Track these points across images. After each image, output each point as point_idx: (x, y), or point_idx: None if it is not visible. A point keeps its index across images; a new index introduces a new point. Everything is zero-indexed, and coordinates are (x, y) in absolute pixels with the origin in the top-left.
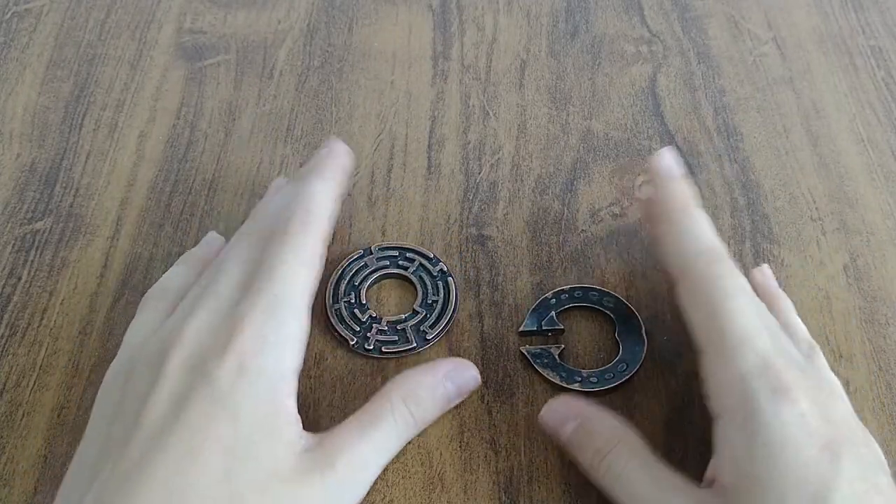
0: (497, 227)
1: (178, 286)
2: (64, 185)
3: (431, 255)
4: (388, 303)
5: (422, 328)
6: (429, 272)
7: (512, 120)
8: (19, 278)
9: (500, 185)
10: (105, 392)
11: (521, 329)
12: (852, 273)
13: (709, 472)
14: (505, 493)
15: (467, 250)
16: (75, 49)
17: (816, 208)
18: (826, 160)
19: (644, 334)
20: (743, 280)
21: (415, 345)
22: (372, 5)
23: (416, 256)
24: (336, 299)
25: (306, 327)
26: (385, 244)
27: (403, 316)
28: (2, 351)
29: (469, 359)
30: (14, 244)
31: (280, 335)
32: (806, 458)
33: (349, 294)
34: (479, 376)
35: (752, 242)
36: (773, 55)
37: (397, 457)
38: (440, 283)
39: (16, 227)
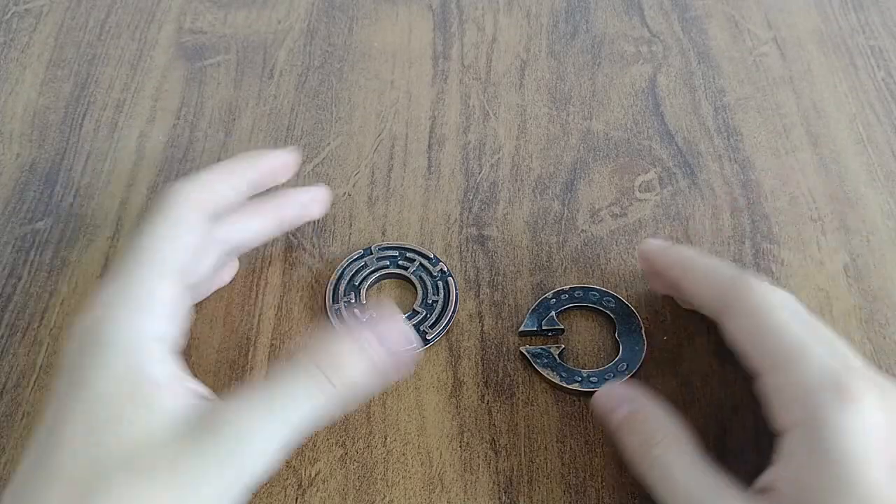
0: (497, 227)
1: None
2: (64, 185)
3: (431, 255)
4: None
5: (422, 328)
6: (429, 272)
7: (512, 120)
8: (19, 278)
9: (500, 185)
10: None
11: (520, 329)
12: (852, 273)
13: (763, 480)
14: (505, 493)
15: (467, 250)
16: (75, 49)
17: (816, 208)
18: (826, 160)
19: (644, 334)
20: (782, 294)
21: (415, 345)
22: (372, 5)
23: (417, 256)
24: (336, 299)
25: (175, 292)
26: (385, 244)
27: (404, 316)
28: (2, 351)
29: (469, 359)
30: (14, 244)
31: (133, 297)
32: (872, 478)
33: (349, 294)
34: (410, 331)
35: (751, 242)
36: (773, 55)
37: (397, 457)
38: (440, 284)
39: (16, 227)
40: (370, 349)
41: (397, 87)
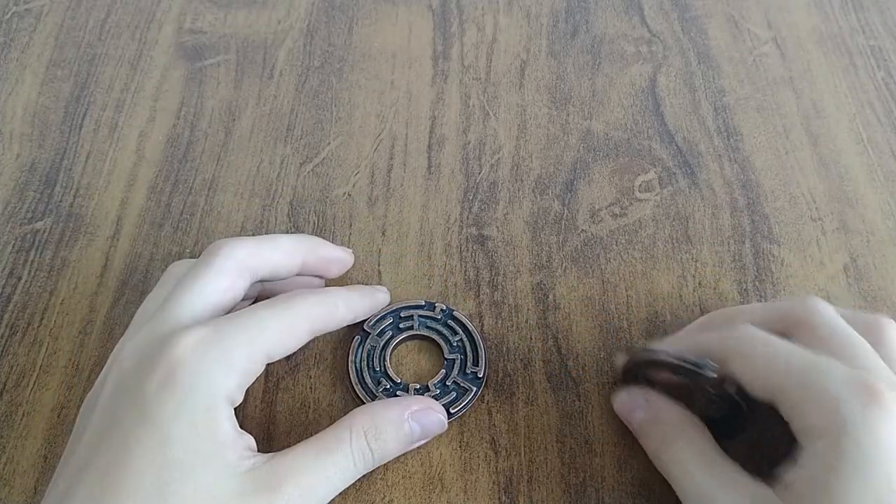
0: (497, 227)
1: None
2: (64, 185)
3: (423, 302)
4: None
5: (468, 371)
6: (432, 318)
7: (512, 120)
8: (19, 278)
9: (500, 185)
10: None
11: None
12: (852, 273)
13: (781, 480)
14: (505, 493)
15: (467, 250)
16: (75, 49)
17: (816, 208)
18: (826, 160)
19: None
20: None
21: (474, 389)
22: (372, 5)
23: (411, 311)
24: (373, 396)
25: (257, 369)
26: (373, 319)
27: (444, 371)
28: (2, 351)
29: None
30: (14, 244)
31: (220, 358)
32: (892, 476)
33: (380, 383)
34: (445, 421)
35: (752, 242)
36: (773, 55)
37: (397, 457)
38: (450, 322)
39: (16, 227)
40: (412, 434)
41: (397, 87)
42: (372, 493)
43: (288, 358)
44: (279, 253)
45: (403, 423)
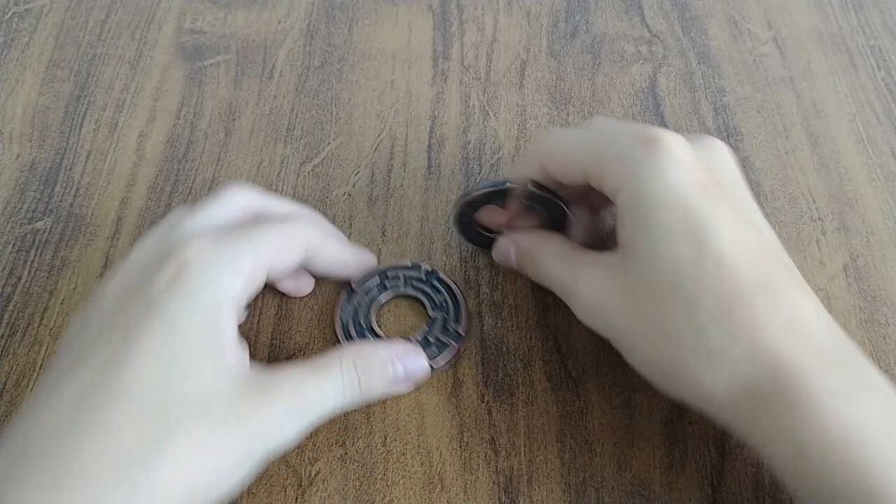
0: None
1: None
2: (64, 185)
3: (409, 263)
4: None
5: (449, 328)
6: (417, 279)
7: (512, 120)
8: (19, 278)
9: None
10: None
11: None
12: (852, 273)
13: (617, 238)
14: (505, 493)
15: (467, 250)
16: (75, 49)
17: (816, 208)
18: (826, 160)
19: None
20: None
21: (454, 344)
22: (372, 5)
23: (397, 272)
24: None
25: (259, 278)
26: (361, 278)
27: (427, 327)
28: (2, 351)
29: (469, 359)
30: (14, 244)
31: (227, 262)
32: (684, 198)
33: (364, 337)
34: (428, 368)
35: None
36: (773, 55)
37: (397, 457)
38: (435, 282)
39: (16, 227)
40: (396, 372)
41: (397, 87)
42: (372, 492)
43: (287, 358)
44: (281, 209)
45: (388, 361)
